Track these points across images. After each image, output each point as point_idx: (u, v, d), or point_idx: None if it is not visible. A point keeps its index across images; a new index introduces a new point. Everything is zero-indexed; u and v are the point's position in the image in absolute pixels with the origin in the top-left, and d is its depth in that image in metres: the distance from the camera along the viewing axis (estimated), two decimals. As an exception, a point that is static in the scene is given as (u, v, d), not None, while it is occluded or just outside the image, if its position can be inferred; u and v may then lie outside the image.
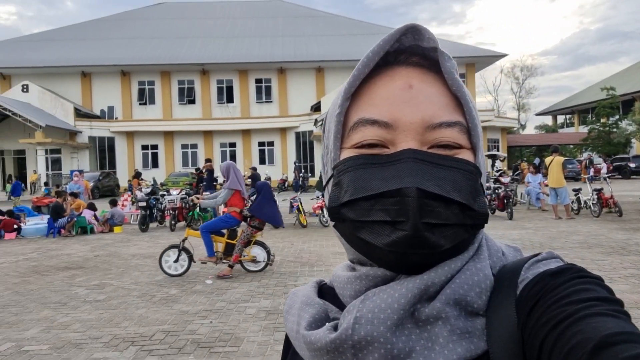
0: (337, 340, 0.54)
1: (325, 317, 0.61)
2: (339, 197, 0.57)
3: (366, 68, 0.59)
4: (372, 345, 0.53)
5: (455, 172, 0.55)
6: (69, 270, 8.41)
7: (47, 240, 12.48)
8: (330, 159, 0.62)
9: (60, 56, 35.92)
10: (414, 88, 0.58)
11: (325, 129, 0.66)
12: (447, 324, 0.53)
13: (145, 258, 9.24)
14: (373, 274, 0.58)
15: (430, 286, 0.54)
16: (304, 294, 0.66)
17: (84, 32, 40.89)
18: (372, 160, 0.56)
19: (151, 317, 5.48)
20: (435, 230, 0.52)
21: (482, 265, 0.56)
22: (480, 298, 0.54)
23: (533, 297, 0.52)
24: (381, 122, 0.57)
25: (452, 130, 0.57)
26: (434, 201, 0.52)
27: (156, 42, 38.32)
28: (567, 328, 0.45)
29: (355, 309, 0.55)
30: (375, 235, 0.54)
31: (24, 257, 9.86)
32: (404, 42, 0.60)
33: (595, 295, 0.48)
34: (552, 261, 0.57)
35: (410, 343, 0.53)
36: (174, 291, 6.63)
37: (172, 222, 12.99)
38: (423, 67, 0.60)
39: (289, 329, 0.64)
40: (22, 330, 5.17)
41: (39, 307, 6.06)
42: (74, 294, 6.67)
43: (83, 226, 13.32)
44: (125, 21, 42.73)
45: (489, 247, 0.61)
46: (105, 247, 10.85)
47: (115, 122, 35.01)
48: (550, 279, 0.52)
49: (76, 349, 4.58)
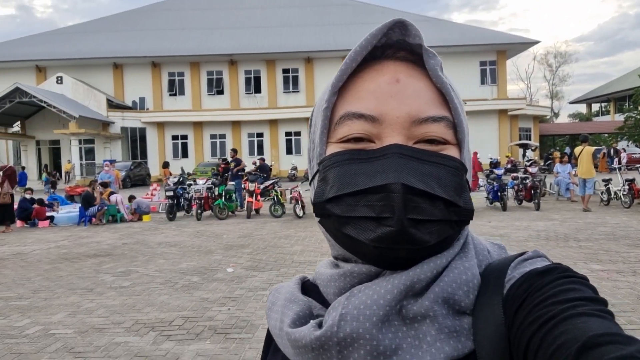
0: (322, 338, 0.53)
1: (310, 314, 0.60)
2: (325, 193, 0.57)
3: (354, 62, 0.59)
4: (358, 342, 0.52)
5: (440, 168, 0.55)
6: (97, 257, 8.69)
7: (78, 228, 12.91)
8: (316, 154, 0.62)
9: (93, 48, 36.74)
10: (400, 82, 0.58)
11: (312, 123, 0.66)
12: (435, 323, 0.53)
13: (171, 246, 9.47)
14: (358, 270, 0.58)
15: (416, 282, 0.54)
16: (287, 291, 0.65)
17: (115, 24, 41.67)
18: (358, 156, 0.56)
19: (172, 304, 5.64)
20: (420, 226, 0.52)
21: (469, 264, 0.56)
22: (468, 297, 0.54)
23: (520, 296, 0.51)
24: (367, 116, 0.57)
25: (438, 125, 0.57)
26: (418, 197, 0.52)
27: (186, 33, 38.76)
28: (553, 328, 0.45)
29: (341, 306, 0.55)
30: (360, 230, 0.54)
31: (55, 245, 10.23)
32: (392, 36, 0.60)
33: (581, 295, 0.48)
34: (537, 260, 0.57)
35: (397, 340, 0.52)
36: (196, 279, 6.79)
37: (199, 211, 13.23)
38: (410, 61, 0.60)
39: (271, 326, 0.63)
40: (49, 315, 5.40)
41: (66, 293, 6.31)
42: (100, 281, 6.91)
43: (113, 214, 13.72)
44: (156, 12, 43.33)
45: (475, 245, 0.61)
46: (133, 235, 11.16)
47: (146, 112, 35.71)
48: (536, 278, 0.52)
49: (99, 333, 4.77)
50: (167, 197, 13.83)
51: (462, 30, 38.55)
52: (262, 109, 35.49)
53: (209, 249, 9.06)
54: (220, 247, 9.12)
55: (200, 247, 9.22)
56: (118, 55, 35.84)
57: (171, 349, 4.30)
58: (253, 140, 35.99)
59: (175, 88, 36.95)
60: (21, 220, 13.27)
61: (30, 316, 5.37)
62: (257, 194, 13.83)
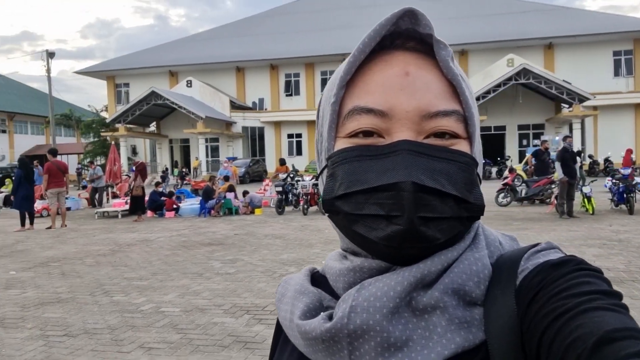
0: (332, 330, 0.53)
1: (320, 306, 0.60)
2: (334, 190, 0.56)
3: (362, 54, 0.58)
4: (368, 334, 0.52)
5: (450, 164, 0.54)
6: (210, 245, 9.47)
7: (198, 219, 14.08)
8: (324, 148, 0.61)
9: (218, 53, 39.49)
10: (410, 75, 0.56)
11: (320, 116, 0.64)
12: (445, 314, 0.52)
13: (276, 238, 10.00)
14: (368, 265, 0.58)
15: (426, 275, 0.53)
16: (297, 282, 0.65)
17: (237, 29, 44.37)
18: (367, 152, 0.55)
19: (268, 291, 6.02)
20: (430, 223, 0.52)
21: (480, 255, 0.56)
22: (479, 287, 0.54)
23: (533, 288, 0.51)
24: (376, 110, 0.56)
25: (448, 119, 0.56)
26: (429, 195, 0.51)
27: (302, 35, 40.14)
28: (569, 321, 0.45)
29: (351, 298, 0.54)
30: (370, 229, 0.53)
31: (177, 233, 11.30)
32: (401, 25, 0.58)
33: (597, 289, 0.48)
34: (551, 252, 0.57)
35: (407, 332, 0.52)
36: (293, 269, 7.14)
37: (305, 206, 13.78)
38: (420, 52, 0.59)
39: (281, 318, 0.63)
40: (162, 295, 6.06)
41: (179, 276, 7.00)
42: (209, 267, 7.56)
43: (229, 207, 14.76)
44: (274, 17, 45.39)
45: (486, 236, 0.61)
46: (244, 227, 11.93)
47: (264, 112, 37.63)
48: (551, 270, 0.52)
49: (201, 313, 5.26)
50: (276, 192, 14.58)
51: (592, 18, 35.33)
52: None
53: (310, 242, 9.42)
54: (321, 241, 9.44)
55: (302, 241, 9.61)
56: (240, 59, 38.16)
57: (261, 332, 4.63)
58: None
59: (291, 88, 38.45)
60: (151, 210, 14.81)
61: (147, 295, 6.07)
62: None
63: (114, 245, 9.89)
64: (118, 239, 10.79)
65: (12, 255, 9.14)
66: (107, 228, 12.69)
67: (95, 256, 8.78)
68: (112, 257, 8.68)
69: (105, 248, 9.62)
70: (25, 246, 10.20)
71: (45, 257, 8.89)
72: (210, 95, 36.88)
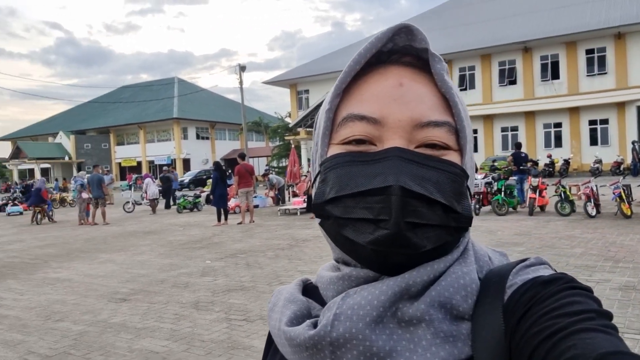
0: (315, 337, 0.54)
1: (307, 314, 0.61)
2: (324, 194, 0.57)
3: (357, 65, 0.59)
4: (351, 342, 0.52)
5: (440, 173, 0.55)
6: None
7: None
8: (318, 155, 0.62)
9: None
10: (404, 86, 0.58)
11: (316, 125, 0.66)
12: (430, 327, 0.52)
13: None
14: (356, 274, 0.58)
15: (412, 285, 0.53)
16: (288, 292, 0.66)
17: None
18: (359, 158, 0.56)
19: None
20: (417, 230, 0.52)
21: (468, 269, 0.56)
22: (466, 302, 0.53)
23: (523, 305, 0.51)
24: (369, 118, 0.57)
25: (440, 130, 0.57)
26: (416, 200, 0.52)
27: (476, 26, 38.45)
28: (560, 341, 0.45)
29: (335, 306, 0.55)
30: (358, 233, 0.54)
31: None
32: (398, 42, 0.60)
33: (587, 308, 0.48)
34: (540, 268, 0.56)
35: (391, 342, 0.52)
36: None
37: (477, 206, 13.21)
38: (415, 67, 0.60)
39: (271, 326, 0.64)
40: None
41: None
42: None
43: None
44: (445, 11, 44.22)
45: (475, 251, 0.61)
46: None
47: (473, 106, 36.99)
48: (541, 287, 0.51)
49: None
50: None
51: None
52: (561, 96, 32.41)
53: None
54: (492, 243, 8.99)
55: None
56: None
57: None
58: (549, 131, 33.25)
59: (466, 82, 37.07)
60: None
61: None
62: (542, 190, 12.95)
63: (292, 240, 10.76)
64: (295, 234, 11.70)
65: (209, 247, 10.55)
66: (287, 224, 13.83)
67: (275, 250, 9.68)
68: (289, 251, 9.48)
69: (284, 242, 10.53)
70: (220, 239, 11.69)
71: (235, 249, 10.09)
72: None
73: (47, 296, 7.00)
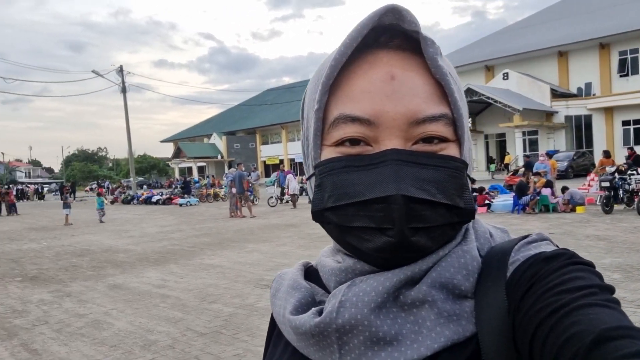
0: (321, 324, 0.54)
1: (312, 301, 0.61)
2: (323, 201, 0.56)
3: (343, 57, 0.55)
4: (357, 328, 0.52)
5: (440, 171, 0.53)
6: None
7: (511, 215, 13.69)
8: (311, 155, 0.59)
9: (537, 40, 37.13)
10: (396, 79, 0.54)
11: (304, 117, 0.62)
12: (434, 307, 0.52)
13: (599, 240, 8.93)
14: (360, 267, 0.58)
15: (417, 272, 0.54)
16: (290, 277, 0.65)
17: (558, 12, 40.79)
18: (355, 163, 0.54)
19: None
20: (422, 232, 0.52)
21: (468, 247, 0.56)
22: (468, 280, 0.53)
23: (526, 281, 0.51)
24: (362, 119, 0.54)
25: (437, 124, 0.54)
26: (419, 205, 0.51)
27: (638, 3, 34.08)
28: (563, 317, 0.45)
29: (341, 293, 0.55)
30: (361, 240, 0.53)
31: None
32: (384, 20, 0.55)
33: (590, 283, 0.47)
34: (542, 244, 0.56)
35: (396, 326, 0.52)
36: (617, 276, 6.31)
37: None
38: (405, 50, 0.56)
39: (275, 313, 0.64)
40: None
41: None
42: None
43: (546, 204, 13.86)
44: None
45: (475, 228, 0.60)
46: (562, 226, 11.04)
47: (592, 98, 33.53)
48: (543, 263, 0.51)
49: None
50: (602, 188, 12.91)
51: None
52: None
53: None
54: (658, 246, 7.98)
55: (633, 245, 8.32)
56: (562, 42, 34.97)
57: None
58: None
59: (627, 68, 33.08)
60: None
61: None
62: None
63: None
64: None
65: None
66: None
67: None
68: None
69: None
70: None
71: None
72: (528, 85, 35.03)
73: (202, 280, 7.77)
